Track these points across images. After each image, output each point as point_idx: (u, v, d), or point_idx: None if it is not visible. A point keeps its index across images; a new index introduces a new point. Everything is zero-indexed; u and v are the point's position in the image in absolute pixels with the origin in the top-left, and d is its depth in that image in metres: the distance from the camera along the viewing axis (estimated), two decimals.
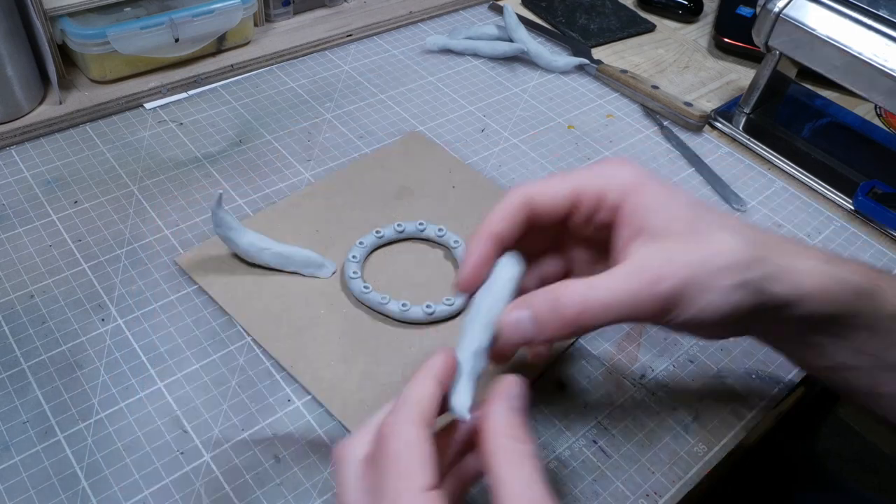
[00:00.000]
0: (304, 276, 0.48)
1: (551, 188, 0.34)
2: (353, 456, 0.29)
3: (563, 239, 0.38)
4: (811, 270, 0.33)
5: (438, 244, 0.51)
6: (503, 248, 0.34)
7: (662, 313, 0.31)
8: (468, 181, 0.56)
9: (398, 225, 0.50)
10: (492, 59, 0.71)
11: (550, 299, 0.31)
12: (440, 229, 0.50)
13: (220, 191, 0.45)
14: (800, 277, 0.33)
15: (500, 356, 0.34)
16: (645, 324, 0.35)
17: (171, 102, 0.62)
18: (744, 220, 0.37)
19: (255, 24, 0.69)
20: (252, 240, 0.47)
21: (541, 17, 0.79)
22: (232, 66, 0.65)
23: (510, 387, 0.29)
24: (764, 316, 0.33)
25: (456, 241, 0.50)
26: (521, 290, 0.33)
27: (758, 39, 0.62)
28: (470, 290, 0.34)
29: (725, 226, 0.33)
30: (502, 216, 0.34)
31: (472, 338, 0.31)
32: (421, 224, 0.51)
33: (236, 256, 0.48)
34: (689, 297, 0.31)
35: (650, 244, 0.32)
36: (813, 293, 0.33)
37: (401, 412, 0.28)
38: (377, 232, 0.50)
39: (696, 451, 0.41)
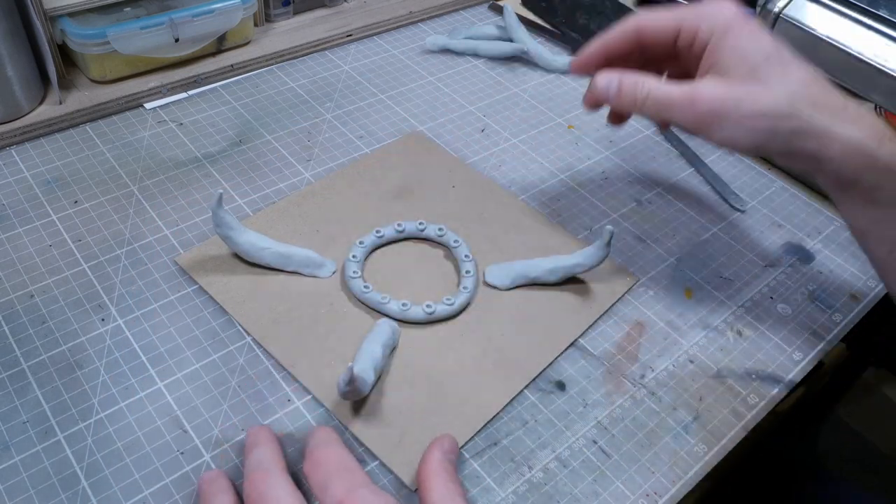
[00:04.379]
0: (304, 275, 0.48)
1: (660, 19, 0.43)
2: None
3: (661, 67, 0.47)
4: (843, 138, 0.38)
5: (438, 244, 0.51)
6: (609, 58, 0.45)
7: (697, 128, 0.41)
8: (468, 181, 0.56)
9: (398, 225, 0.50)
10: (492, 59, 0.71)
11: (634, 80, 0.43)
12: (440, 229, 0.50)
13: (220, 191, 0.45)
14: (828, 142, 0.38)
15: (590, 101, 0.46)
16: (689, 133, 0.43)
17: (171, 102, 0.62)
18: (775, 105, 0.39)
19: (255, 24, 0.69)
20: (252, 239, 0.47)
21: (541, 17, 0.79)
22: (232, 66, 0.65)
23: (444, 440, 0.37)
24: (797, 161, 0.41)
25: (456, 241, 0.50)
26: None
27: None
28: (577, 72, 0.47)
29: (783, 79, 0.39)
30: (615, 34, 0.45)
31: (365, 359, 0.41)
32: (421, 224, 0.51)
33: (236, 256, 0.48)
34: (718, 125, 0.40)
35: (713, 77, 0.41)
36: (835, 158, 0.39)
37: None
38: (377, 232, 0.50)
39: (696, 451, 0.41)
